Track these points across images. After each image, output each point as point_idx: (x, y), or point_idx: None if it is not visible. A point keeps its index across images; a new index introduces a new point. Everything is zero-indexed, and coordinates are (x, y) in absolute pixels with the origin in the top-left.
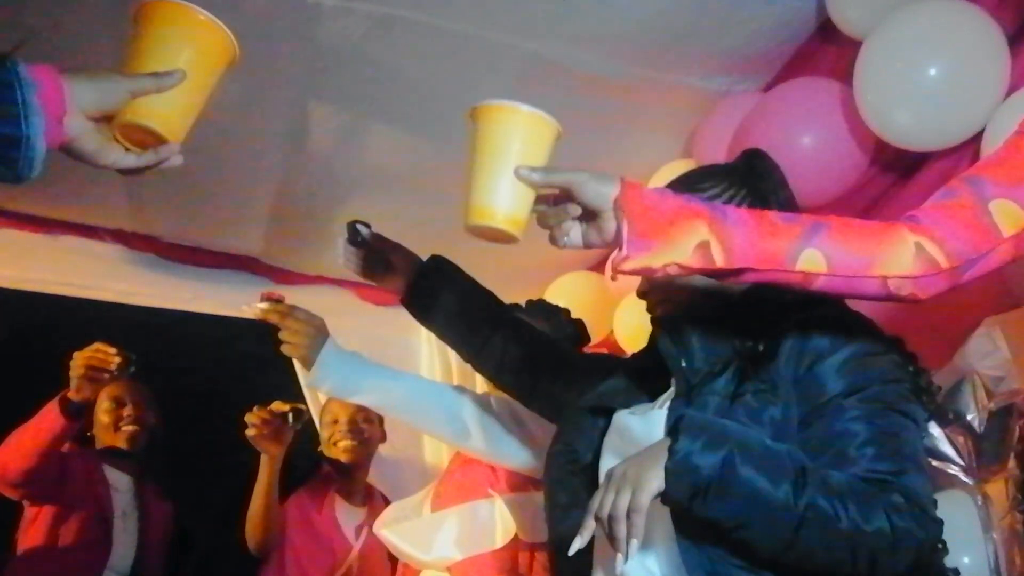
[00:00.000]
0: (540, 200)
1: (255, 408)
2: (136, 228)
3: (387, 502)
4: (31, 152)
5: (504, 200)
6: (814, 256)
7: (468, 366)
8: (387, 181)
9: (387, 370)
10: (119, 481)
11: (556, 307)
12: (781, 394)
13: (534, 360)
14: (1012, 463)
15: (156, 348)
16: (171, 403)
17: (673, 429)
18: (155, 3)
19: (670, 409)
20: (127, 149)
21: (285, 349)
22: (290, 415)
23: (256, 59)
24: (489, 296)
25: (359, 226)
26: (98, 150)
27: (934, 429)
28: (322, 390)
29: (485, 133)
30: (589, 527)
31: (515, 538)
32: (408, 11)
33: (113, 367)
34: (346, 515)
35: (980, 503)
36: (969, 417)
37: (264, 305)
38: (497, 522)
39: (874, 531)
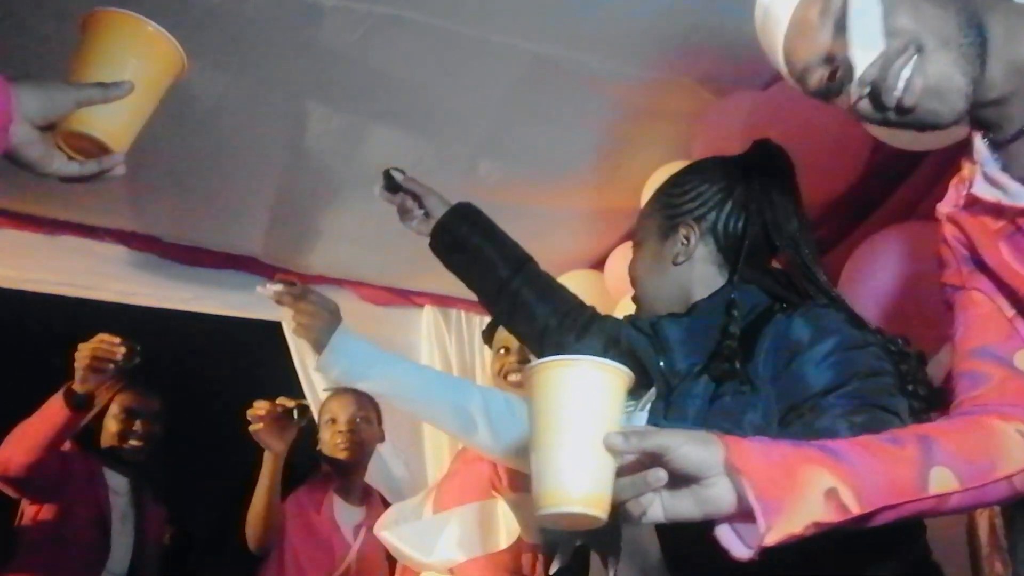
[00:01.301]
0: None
1: (257, 403)
2: (136, 228)
3: (385, 502)
4: None
5: (583, 477)
6: (944, 475)
7: (468, 366)
8: None
9: (397, 359)
10: (118, 484)
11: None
12: (761, 394)
13: (546, 305)
14: None
15: (156, 348)
16: (171, 403)
17: None
18: (103, 13)
19: (649, 413)
20: (70, 157)
21: (297, 331)
22: (295, 411)
23: (256, 59)
24: (513, 244)
25: (394, 172)
26: (42, 158)
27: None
28: (331, 375)
29: (551, 399)
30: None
31: (518, 539)
32: (408, 11)
33: (118, 357)
34: (345, 515)
35: None
36: None
37: (279, 287)
38: (501, 523)
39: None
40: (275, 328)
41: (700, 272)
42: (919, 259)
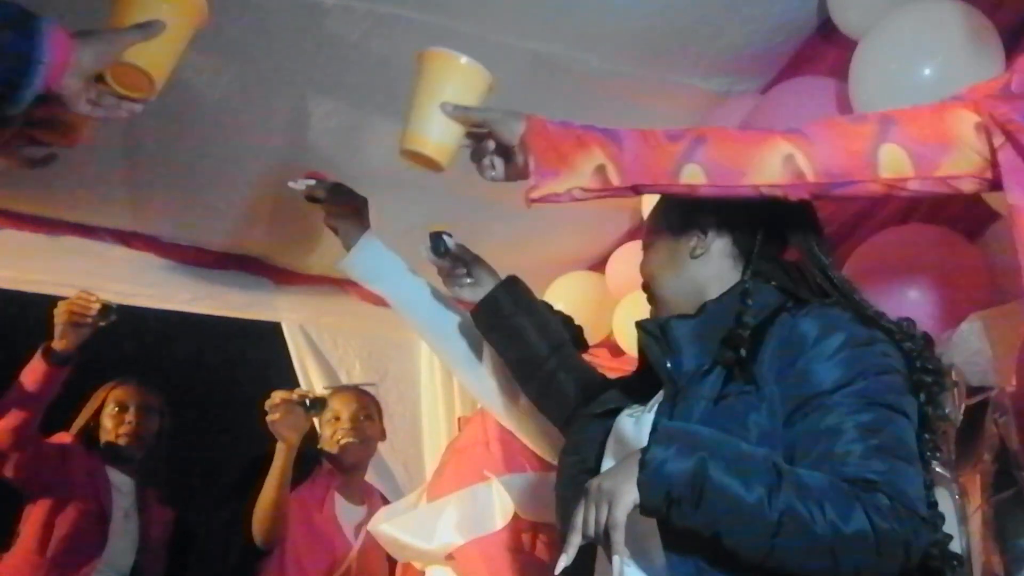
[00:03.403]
0: (469, 137)
1: (275, 392)
2: (136, 228)
3: (386, 501)
4: (23, 100)
5: (435, 132)
6: (694, 170)
7: None
8: (387, 181)
9: (418, 276)
10: (121, 482)
11: (557, 312)
12: (765, 395)
13: (577, 387)
14: (987, 456)
15: (156, 348)
16: (171, 403)
17: (648, 440)
18: None
19: (656, 414)
20: (118, 95)
21: (328, 222)
22: (308, 402)
23: (257, 58)
24: (553, 322)
25: (444, 236)
26: (75, 104)
27: None
28: (353, 274)
29: (426, 75)
30: (573, 544)
31: (516, 517)
32: (408, 10)
33: (93, 312)
34: (346, 514)
35: (957, 495)
36: (948, 411)
37: (311, 181)
38: (496, 503)
39: (853, 533)
40: (275, 328)
41: (716, 266)
42: (919, 260)
